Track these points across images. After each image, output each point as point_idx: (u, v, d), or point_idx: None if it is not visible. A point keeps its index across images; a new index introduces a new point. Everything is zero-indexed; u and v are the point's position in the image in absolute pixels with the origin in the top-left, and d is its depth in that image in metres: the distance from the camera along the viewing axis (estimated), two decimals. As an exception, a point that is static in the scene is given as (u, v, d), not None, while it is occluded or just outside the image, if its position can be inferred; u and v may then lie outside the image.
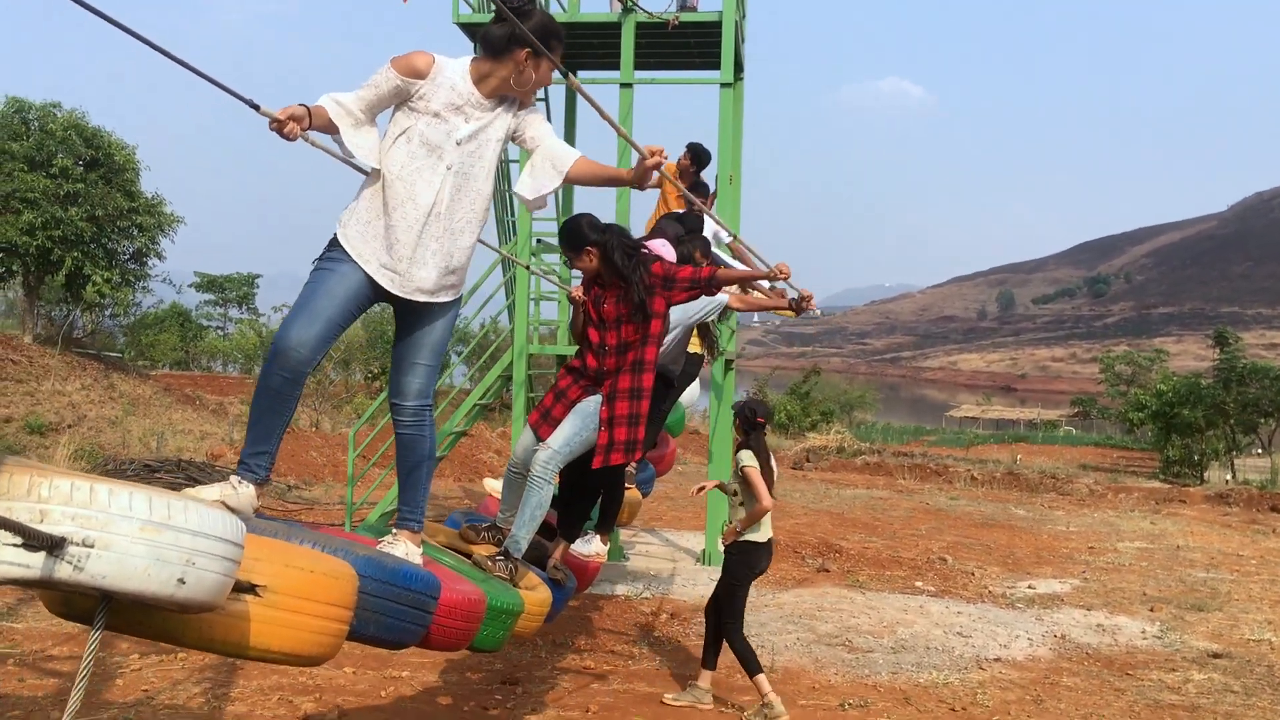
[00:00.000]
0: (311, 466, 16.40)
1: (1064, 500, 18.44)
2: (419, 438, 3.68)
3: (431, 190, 3.50)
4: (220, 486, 3.32)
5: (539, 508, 4.48)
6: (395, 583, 3.13)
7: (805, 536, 11.90)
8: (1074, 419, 54.69)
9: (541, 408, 4.76)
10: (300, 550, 2.75)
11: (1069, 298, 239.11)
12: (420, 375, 3.65)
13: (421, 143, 3.51)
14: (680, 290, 4.71)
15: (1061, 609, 8.63)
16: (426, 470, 3.71)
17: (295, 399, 3.45)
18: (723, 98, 8.76)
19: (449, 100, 3.53)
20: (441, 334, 3.69)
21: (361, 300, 3.53)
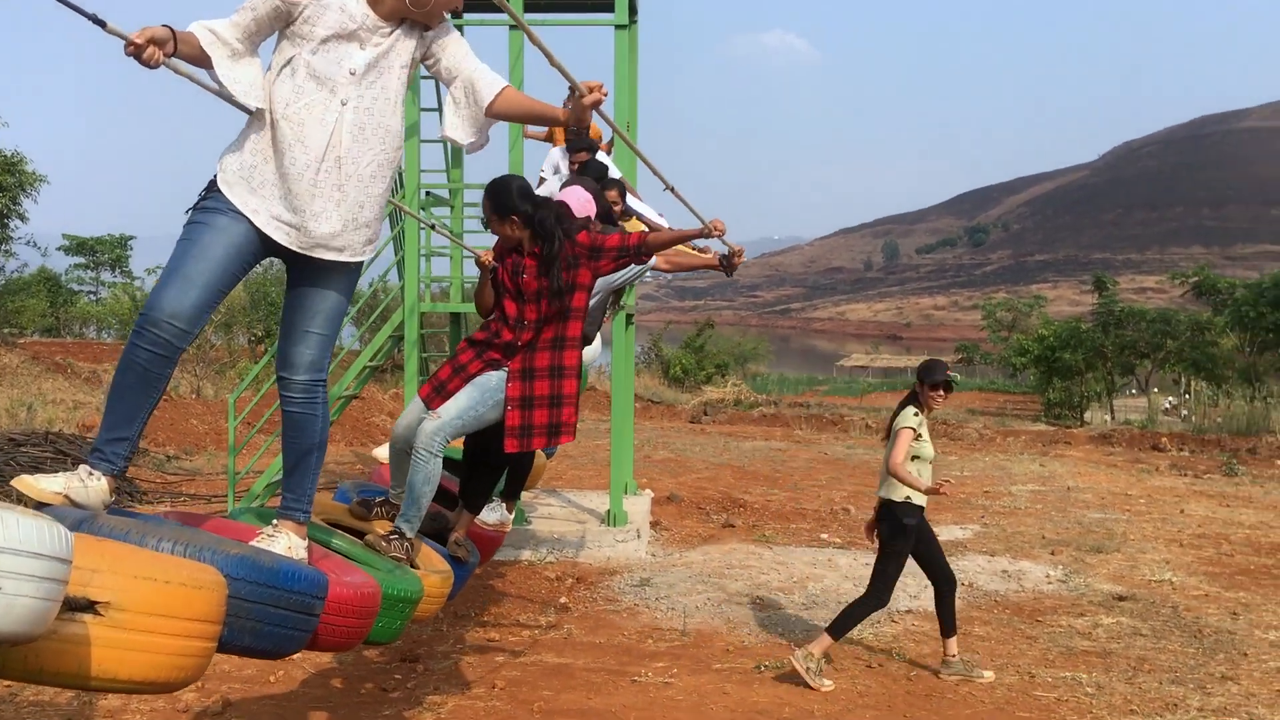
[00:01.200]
0: (193, 435, 15.66)
1: (955, 445, 18.72)
2: (310, 417, 3.22)
3: (325, 130, 3.00)
4: (65, 477, 2.85)
5: (426, 483, 4.10)
6: (274, 584, 2.71)
7: (708, 491, 11.77)
8: (958, 365, 55.98)
9: (435, 381, 4.32)
10: (153, 557, 2.30)
11: (950, 247, 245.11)
12: (313, 345, 3.17)
13: (309, 75, 3.01)
14: (608, 260, 4.31)
15: (966, 555, 8.64)
16: (317, 456, 3.27)
17: (166, 378, 2.97)
18: (618, 40, 8.40)
19: (338, 24, 3.02)
20: (339, 299, 3.21)
21: (246, 257, 3.03)
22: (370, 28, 3.05)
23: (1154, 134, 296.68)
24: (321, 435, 3.25)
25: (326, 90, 3.02)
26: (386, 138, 3.11)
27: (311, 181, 3.01)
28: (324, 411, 3.25)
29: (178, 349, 2.94)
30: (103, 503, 2.89)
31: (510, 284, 4.31)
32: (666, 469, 13.80)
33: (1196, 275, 28.78)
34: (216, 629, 2.42)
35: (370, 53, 3.06)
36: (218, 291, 2.99)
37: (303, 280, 3.17)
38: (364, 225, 3.14)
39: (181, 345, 2.94)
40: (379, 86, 3.07)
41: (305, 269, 3.15)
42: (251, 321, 27.00)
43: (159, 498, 11.48)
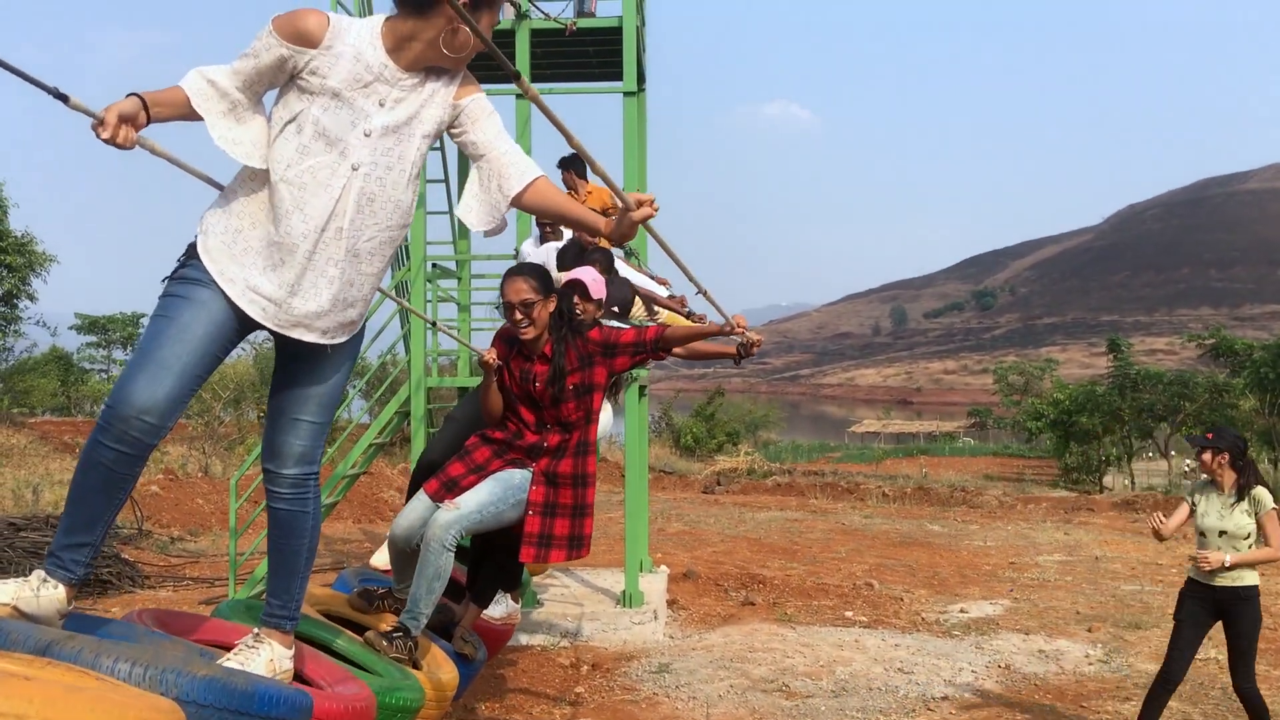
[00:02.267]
0: (198, 515, 15.34)
1: (975, 513, 18.33)
2: (299, 515, 2.83)
3: (330, 197, 2.60)
4: (16, 585, 2.50)
5: (437, 579, 3.77)
6: (249, 711, 2.33)
7: (725, 566, 11.41)
8: (971, 429, 55.67)
9: (445, 477, 3.96)
10: (96, 694, 1.91)
11: (958, 311, 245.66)
12: (304, 435, 2.79)
13: (316, 134, 2.59)
14: (625, 356, 4.00)
15: (999, 634, 8.26)
16: (307, 558, 2.89)
17: (133, 478, 2.61)
18: (626, 107, 8.25)
19: (353, 75, 2.60)
20: (334, 385, 2.83)
21: (229, 335, 2.65)
22: (389, 80, 2.64)
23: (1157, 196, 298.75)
24: (312, 536, 2.88)
25: (336, 152, 2.61)
26: (395, 213, 2.72)
27: (307, 254, 2.62)
28: (315, 508, 2.88)
29: (148, 446, 2.56)
30: (58, 613, 2.54)
31: (518, 390, 4.02)
32: (681, 543, 13.43)
33: (1212, 337, 28.49)
34: None
35: (390, 113, 2.65)
36: (195, 378, 2.61)
37: (295, 360, 2.79)
38: (350, 305, 2.75)
39: (152, 442, 2.56)
40: (396, 155, 2.67)
41: (294, 350, 2.78)
42: (261, 397, 26.81)
43: (161, 581, 11.15)
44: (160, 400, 2.54)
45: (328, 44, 2.60)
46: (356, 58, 2.62)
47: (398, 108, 2.66)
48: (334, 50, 2.60)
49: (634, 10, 8.33)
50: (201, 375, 2.63)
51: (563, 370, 3.94)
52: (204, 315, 2.61)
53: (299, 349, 2.77)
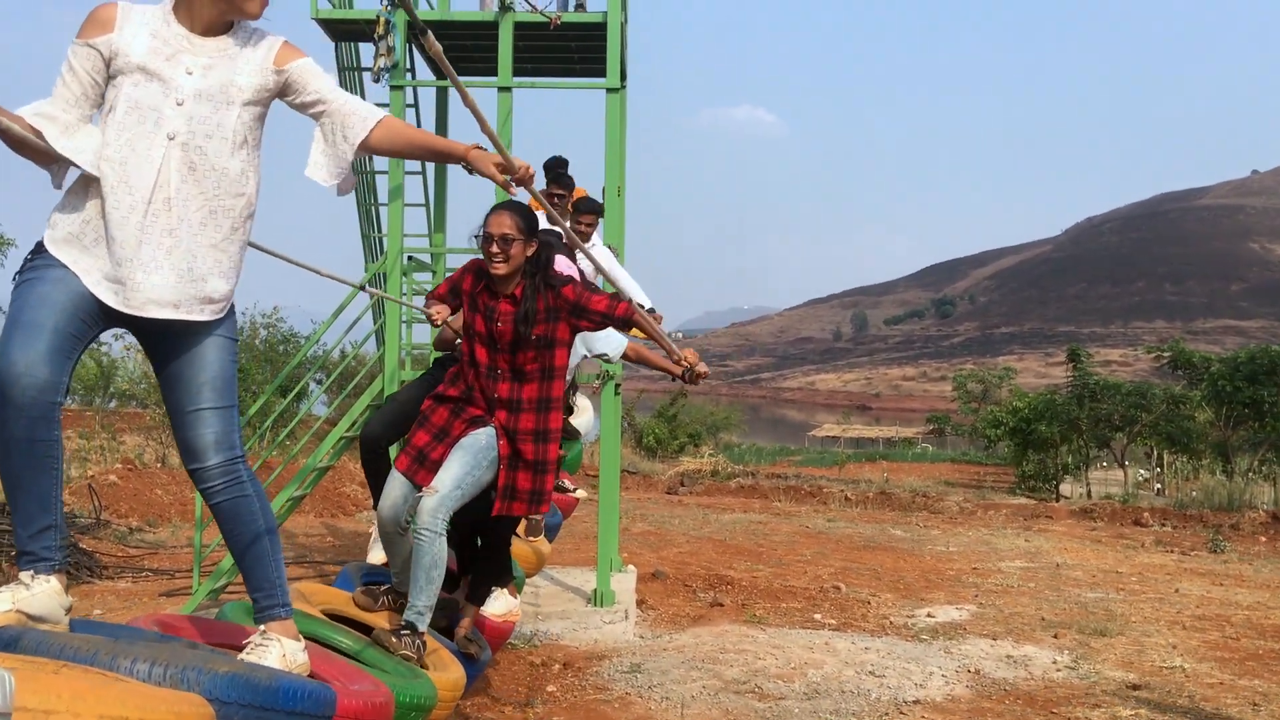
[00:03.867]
0: (157, 506, 15.10)
1: (937, 519, 18.46)
2: (240, 501, 2.75)
3: (151, 167, 2.60)
4: (9, 591, 2.44)
5: (435, 567, 3.73)
6: (274, 706, 2.30)
7: (692, 567, 11.40)
8: (930, 436, 56.15)
9: (413, 450, 3.93)
10: (123, 689, 1.85)
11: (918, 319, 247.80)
12: (210, 424, 2.71)
13: (129, 108, 2.62)
14: (590, 322, 4.01)
15: (967, 639, 8.30)
16: (269, 540, 2.83)
17: (55, 443, 2.54)
18: (609, 103, 8.21)
19: (152, 49, 2.64)
20: (220, 367, 2.74)
21: (89, 310, 2.61)
22: (193, 49, 2.68)
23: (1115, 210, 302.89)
24: (265, 517, 2.81)
25: (151, 123, 2.63)
26: (223, 181, 2.70)
27: (139, 225, 2.60)
28: (256, 488, 2.79)
29: (50, 404, 2.51)
30: (62, 607, 2.49)
31: (484, 328, 3.99)
32: (647, 543, 13.41)
33: (1170, 350, 28.91)
34: None
35: (201, 80, 2.67)
36: (70, 336, 2.57)
37: (168, 354, 2.74)
38: (200, 279, 2.68)
39: (53, 400, 2.51)
40: (214, 123, 2.68)
41: (162, 340, 2.73)
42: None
43: (119, 572, 10.96)
44: (41, 354, 2.50)
45: (120, 26, 2.66)
46: (153, 34, 2.67)
47: (209, 74, 2.69)
48: (127, 31, 2.66)
49: (619, 6, 8.29)
50: (75, 335, 2.60)
51: (531, 314, 3.90)
52: (62, 286, 2.61)
53: (166, 336, 2.72)
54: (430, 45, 2.46)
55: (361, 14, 8.39)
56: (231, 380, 2.78)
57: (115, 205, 2.61)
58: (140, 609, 9.02)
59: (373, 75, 7.94)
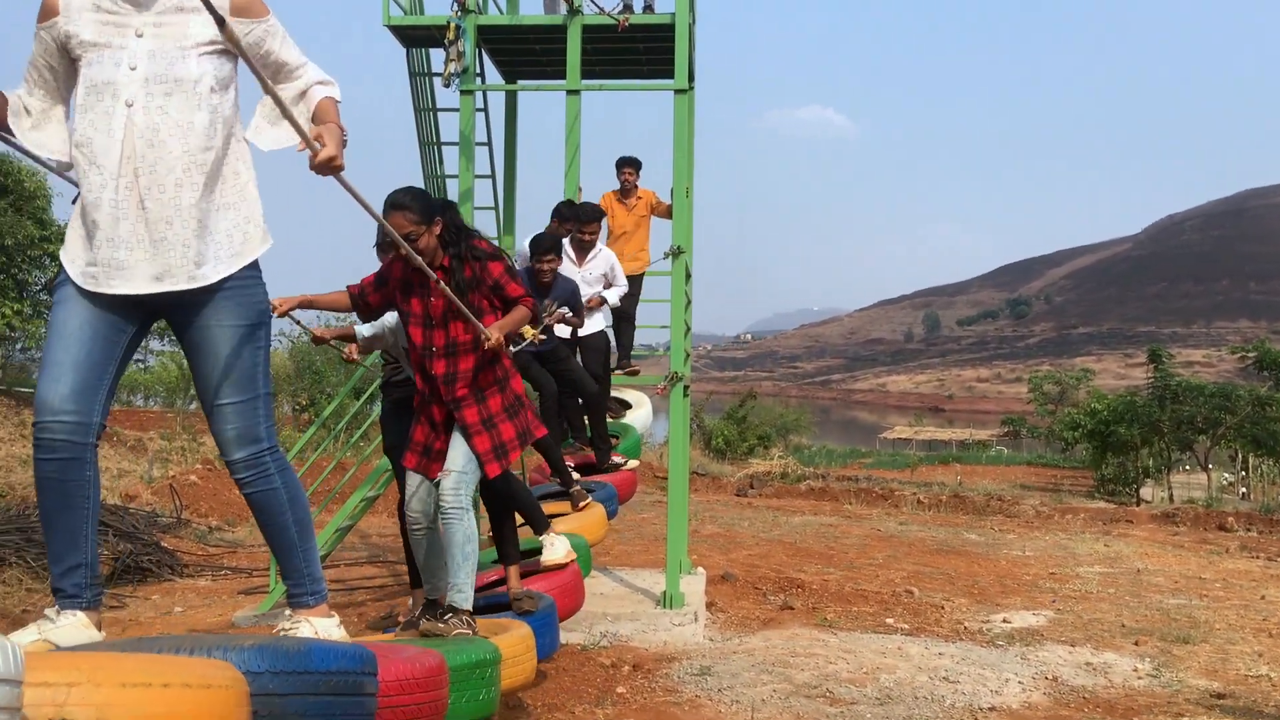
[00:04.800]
0: (235, 506, 15.42)
1: (1012, 523, 18.12)
2: (268, 494, 2.76)
3: (115, 141, 2.54)
4: (35, 626, 2.50)
5: (468, 542, 3.83)
6: (306, 669, 2.27)
7: (762, 570, 11.33)
8: (1004, 438, 55.16)
9: (417, 446, 4.02)
10: (145, 659, 1.88)
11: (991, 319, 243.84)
12: (232, 418, 2.70)
13: (89, 89, 2.59)
14: (500, 301, 4.05)
15: (1044, 645, 8.13)
16: (298, 530, 2.83)
17: (88, 483, 2.56)
18: (677, 105, 8.19)
19: (98, 21, 2.60)
20: (235, 358, 2.67)
21: (107, 321, 2.59)
22: (139, 9, 2.62)
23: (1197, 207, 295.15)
24: (294, 509, 2.81)
25: (108, 97, 2.59)
26: (190, 135, 2.61)
27: (112, 203, 2.56)
28: (284, 479, 2.79)
29: (82, 445, 2.53)
30: (89, 640, 2.52)
31: (419, 308, 3.97)
32: (716, 545, 13.35)
33: (1255, 350, 28.05)
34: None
35: (152, 40, 2.60)
36: (96, 367, 2.58)
37: (188, 347, 2.73)
38: (183, 244, 2.61)
39: (82, 439, 2.53)
40: (172, 79, 2.61)
41: (181, 331, 2.71)
42: (296, 390, 26.98)
43: (200, 570, 11.21)
44: (66, 395, 2.52)
45: (65, 7, 2.64)
46: (96, 6, 2.63)
47: (160, 31, 2.62)
48: (73, 11, 2.63)
49: (687, 6, 8.27)
50: (104, 363, 2.60)
51: (462, 284, 3.92)
52: (74, 308, 2.61)
53: (182, 326, 2.70)
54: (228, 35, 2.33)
55: (432, 19, 8.48)
56: (253, 371, 2.74)
57: (89, 188, 2.58)
58: (219, 607, 9.21)
59: (443, 80, 8.01)
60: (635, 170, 8.44)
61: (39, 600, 8.39)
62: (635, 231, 8.38)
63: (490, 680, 3.35)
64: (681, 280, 8.30)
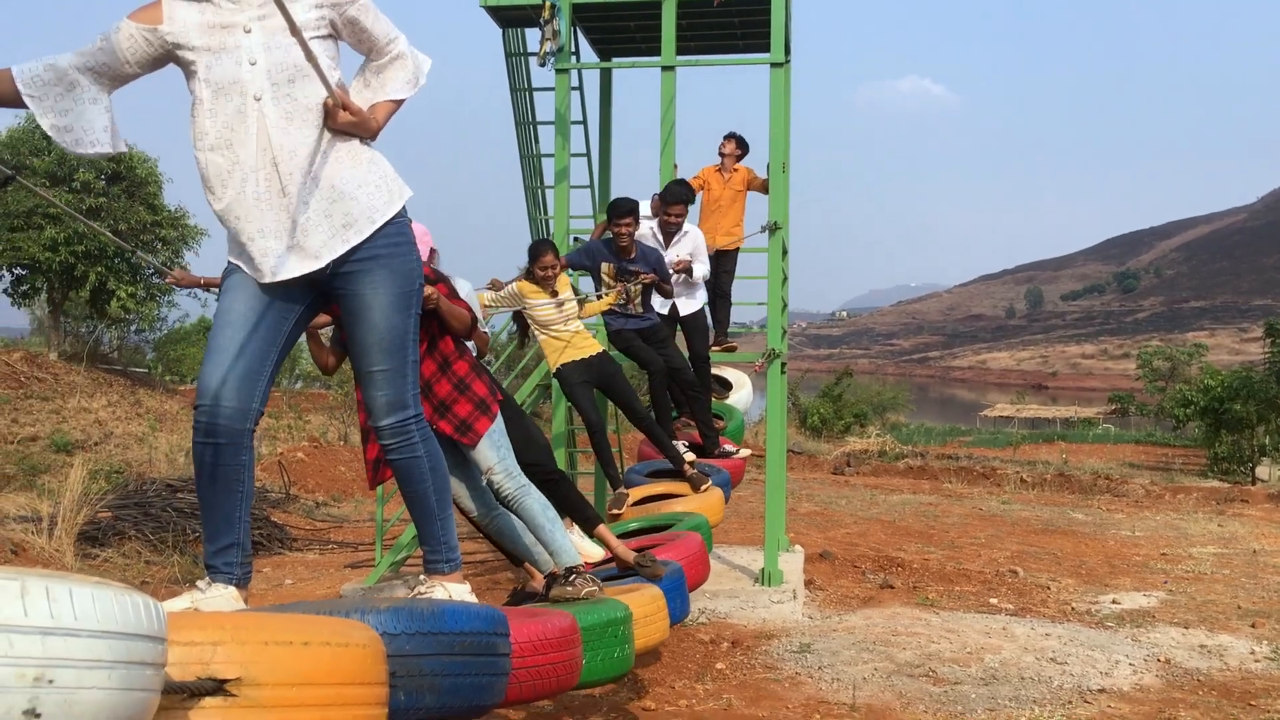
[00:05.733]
0: (341, 482, 15.85)
1: (1121, 502, 17.64)
2: (410, 461, 2.84)
3: (251, 137, 2.62)
4: (187, 594, 2.62)
5: (546, 510, 4.00)
6: (441, 630, 2.37)
7: (860, 548, 11.22)
8: (1111, 416, 53.62)
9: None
10: (286, 619, 1.98)
11: (1098, 294, 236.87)
12: (381, 385, 2.78)
13: (214, 93, 2.63)
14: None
15: (1156, 627, 7.91)
16: (437, 498, 2.91)
17: (244, 467, 2.65)
18: (773, 79, 8.09)
19: (204, 23, 2.64)
20: (385, 325, 2.75)
21: (276, 308, 2.69)
22: (240, 6, 2.65)
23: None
24: (435, 478, 2.89)
25: (236, 96, 2.64)
26: (320, 115, 2.69)
27: (255, 195, 2.64)
28: (426, 448, 2.87)
29: (240, 431, 2.62)
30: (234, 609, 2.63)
31: None
32: (813, 523, 13.26)
33: (1381, 323, 26.78)
34: (378, 692, 2.07)
35: (261, 34, 2.64)
36: (260, 354, 2.67)
37: (345, 317, 2.81)
38: (324, 220, 2.69)
39: (242, 426, 2.62)
40: (291, 65, 2.65)
41: (342, 300, 2.78)
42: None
43: (308, 545, 11.54)
44: (231, 383, 2.60)
45: (169, 16, 2.65)
46: (200, 11, 2.65)
47: (265, 24, 2.64)
48: (178, 20, 2.65)
49: (783, -22, 8.16)
50: (266, 349, 2.69)
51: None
52: (241, 295, 2.70)
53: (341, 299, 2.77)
54: None
55: (524, 0, 8.52)
56: (402, 338, 2.79)
57: (236, 188, 2.65)
58: (328, 580, 9.47)
59: (538, 59, 8.05)
60: (738, 144, 8.38)
61: (156, 573, 8.73)
62: (731, 206, 8.31)
63: (624, 638, 3.45)
64: (779, 256, 8.23)
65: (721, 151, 8.35)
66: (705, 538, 5.23)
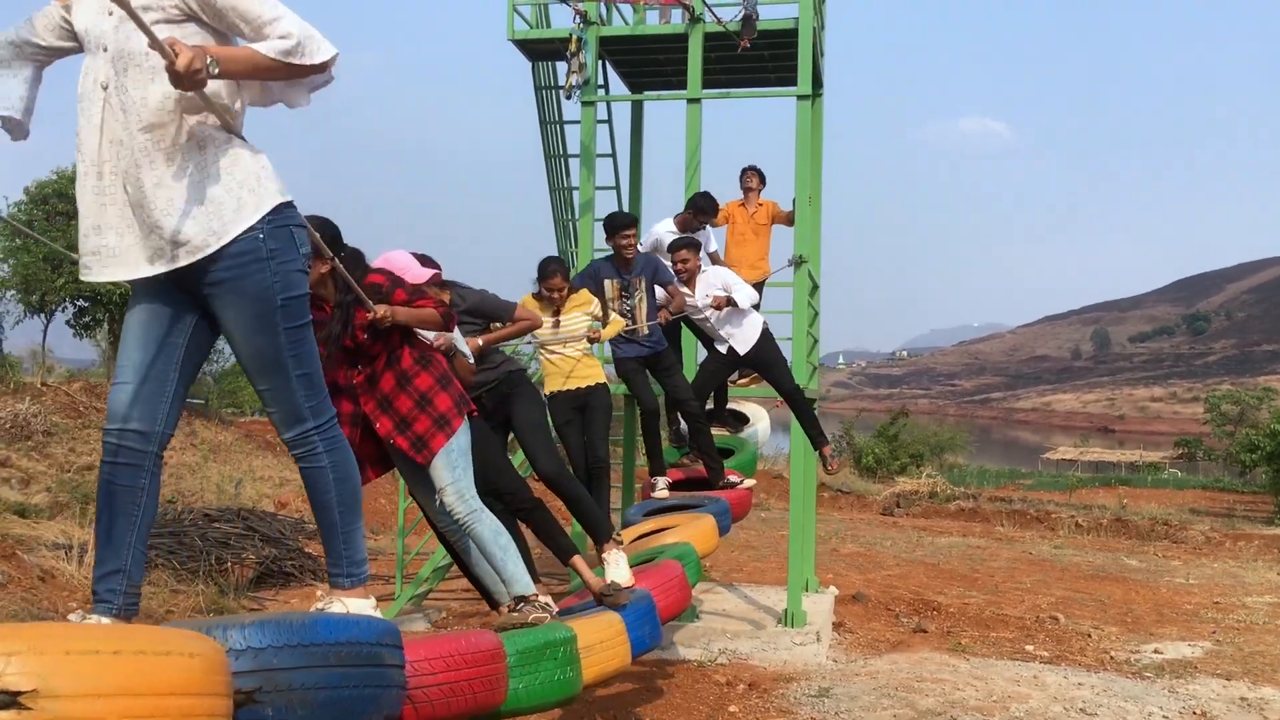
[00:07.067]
0: (380, 514, 15.87)
1: (1178, 549, 17.09)
2: (313, 471, 2.71)
3: (94, 127, 2.46)
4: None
5: (499, 535, 3.85)
6: (313, 641, 2.24)
7: (899, 591, 10.94)
8: (1178, 461, 52.20)
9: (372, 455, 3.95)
10: (97, 629, 1.85)
11: (1167, 336, 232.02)
12: (269, 402, 2.64)
13: (81, 78, 2.50)
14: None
15: (1196, 678, 7.57)
16: (341, 511, 2.75)
17: (141, 491, 2.53)
18: (799, 111, 7.99)
19: (90, 9, 2.51)
20: (254, 343, 2.57)
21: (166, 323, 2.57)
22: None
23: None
24: (338, 489, 2.73)
25: (90, 82, 2.49)
26: (142, 113, 2.46)
27: (94, 189, 2.49)
28: (332, 460, 2.72)
29: (142, 454, 2.51)
30: None
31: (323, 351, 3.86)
32: (854, 564, 13.00)
33: None
34: (212, 704, 1.92)
35: (116, 18, 2.47)
36: (159, 373, 2.55)
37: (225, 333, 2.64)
38: (155, 227, 2.48)
39: (143, 448, 2.51)
40: (128, 54, 2.45)
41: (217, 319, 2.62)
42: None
43: (339, 576, 11.52)
44: (126, 402, 2.51)
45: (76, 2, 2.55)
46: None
47: (114, 7, 2.46)
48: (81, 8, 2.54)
49: (811, 10, 8.08)
50: (167, 370, 2.58)
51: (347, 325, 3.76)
52: (134, 312, 2.60)
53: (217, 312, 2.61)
54: None
55: (556, 33, 8.54)
56: (273, 358, 2.61)
57: (80, 180, 2.52)
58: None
59: (564, 92, 8.05)
60: (758, 176, 8.30)
61: (181, 602, 8.74)
62: (756, 239, 8.21)
63: (565, 660, 3.36)
64: (804, 290, 8.08)
65: (748, 185, 8.26)
66: (690, 566, 5.11)
